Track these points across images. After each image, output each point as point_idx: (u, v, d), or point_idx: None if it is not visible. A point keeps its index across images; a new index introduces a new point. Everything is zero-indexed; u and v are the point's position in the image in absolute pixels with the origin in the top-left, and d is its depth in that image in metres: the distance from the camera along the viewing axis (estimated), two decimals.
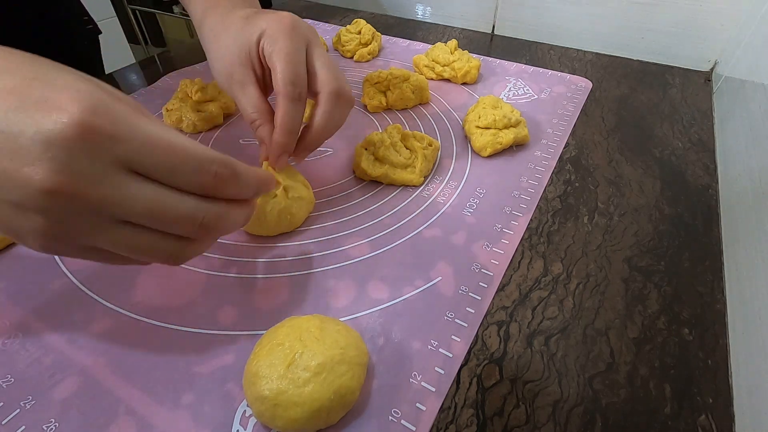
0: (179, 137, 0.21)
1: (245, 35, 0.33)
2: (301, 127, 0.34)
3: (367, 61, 0.62)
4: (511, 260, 0.33)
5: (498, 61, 0.61)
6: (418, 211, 0.37)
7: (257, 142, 0.35)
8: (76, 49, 0.60)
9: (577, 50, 0.65)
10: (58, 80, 0.20)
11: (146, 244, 0.22)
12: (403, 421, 0.24)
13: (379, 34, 0.64)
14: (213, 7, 0.37)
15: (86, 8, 0.62)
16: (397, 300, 0.30)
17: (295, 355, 0.23)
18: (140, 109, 0.22)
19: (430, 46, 0.59)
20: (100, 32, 0.64)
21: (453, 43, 0.56)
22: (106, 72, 0.63)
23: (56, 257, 0.33)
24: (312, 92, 0.34)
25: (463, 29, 0.73)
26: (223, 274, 0.32)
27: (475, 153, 0.44)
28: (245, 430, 0.24)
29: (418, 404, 0.25)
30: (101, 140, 0.19)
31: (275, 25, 0.32)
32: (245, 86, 0.33)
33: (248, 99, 0.33)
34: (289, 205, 0.34)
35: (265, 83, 0.35)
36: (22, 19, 0.51)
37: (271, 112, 0.33)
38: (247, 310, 0.30)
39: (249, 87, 0.33)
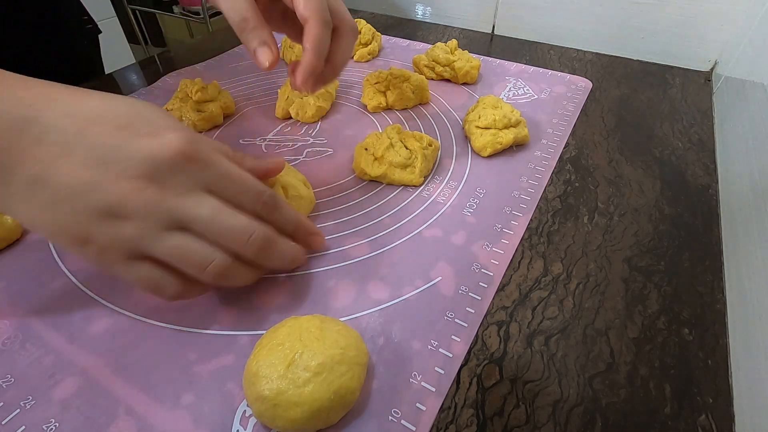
0: (245, 173, 0.27)
1: None
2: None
3: (367, 61, 0.62)
4: (511, 260, 0.33)
5: (498, 61, 0.61)
6: (418, 211, 0.37)
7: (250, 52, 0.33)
8: (76, 49, 0.60)
9: (577, 50, 0.65)
10: (159, 119, 0.25)
11: (198, 250, 0.25)
12: (403, 421, 0.24)
13: (379, 34, 0.64)
14: None
15: (86, 8, 0.62)
16: (397, 300, 0.30)
17: (295, 355, 0.23)
18: (219, 149, 0.28)
19: (430, 46, 0.59)
20: (100, 32, 0.64)
21: (453, 43, 0.56)
22: (106, 72, 0.63)
23: (56, 257, 0.33)
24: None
25: (463, 29, 0.73)
26: None
27: (475, 153, 0.44)
28: (245, 430, 0.24)
29: (418, 404, 0.25)
30: (195, 165, 0.25)
31: None
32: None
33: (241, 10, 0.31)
34: (289, 204, 0.34)
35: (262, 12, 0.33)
36: (22, 19, 0.51)
37: (263, 18, 0.32)
38: (247, 310, 0.30)
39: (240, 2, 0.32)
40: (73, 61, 0.60)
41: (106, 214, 0.23)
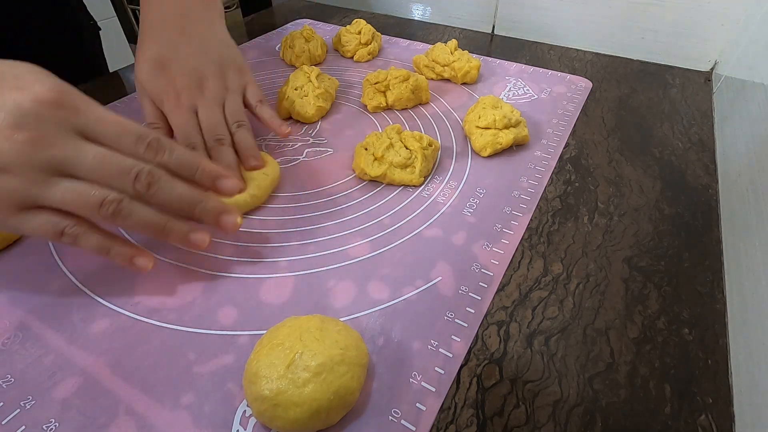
0: (122, 118, 0.27)
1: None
2: None
3: (367, 61, 0.62)
4: (511, 260, 0.33)
5: (498, 61, 0.61)
6: (418, 211, 0.37)
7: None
8: (80, 45, 0.60)
9: (577, 50, 0.65)
10: (29, 74, 0.25)
11: (89, 192, 0.25)
12: (403, 421, 0.24)
13: (379, 34, 0.64)
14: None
15: (86, 6, 0.62)
16: (397, 300, 0.30)
17: (295, 355, 0.23)
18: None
19: (430, 46, 0.59)
20: (99, 29, 0.65)
21: (453, 43, 0.56)
22: (110, 70, 0.64)
23: (57, 257, 0.33)
24: None
25: (463, 29, 0.73)
26: (223, 274, 0.32)
27: (475, 153, 0.44)
28: (245, 430, 0.24)
29: (418, 404, 0.25)
30: (66, 111, 0.25)
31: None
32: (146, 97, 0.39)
33: (150, 106, 0.39)
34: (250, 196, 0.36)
35: None
36: (29, 13, 0.52)
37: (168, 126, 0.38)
38: (247, 310, 0.30)
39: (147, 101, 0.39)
40: (80, 55, 0.60)
41: None
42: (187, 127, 0.37)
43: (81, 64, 0.61)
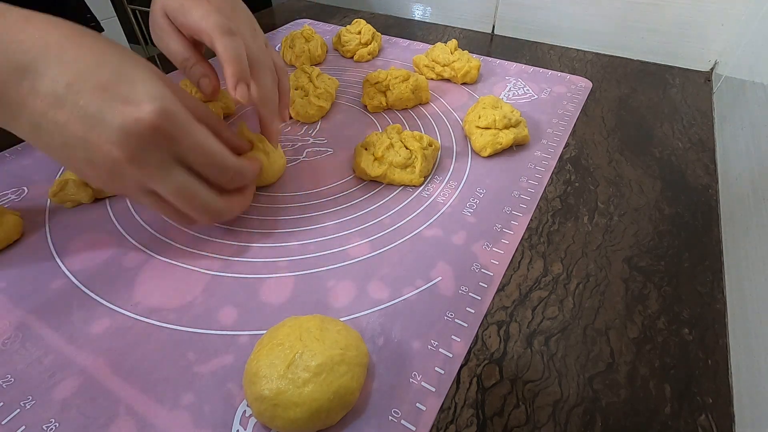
0: (216, 144, 0.29)
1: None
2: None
3: (367, 61, 0.62)
4: (511, 260, 0.33)
5: (498, 61, 0.61)
6: (418, 211, 0.37)
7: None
8: None
9: (577, 50, 0.65)
10: (140, 83, 0.26)
11: (163, 209, 0.30)
12: (403, 421, 0.24)
13: (379, 34, 0.64)
14: None
15: (89, 6, 0.62)
16: (397, 300, 0.30)
17: (296, 355, 0.23)
18: (197, 107, 0.32)
19: (430, 46, 0.59)
20: (102, 30, 0.65)
21: (453, 43, 0.56)
22: None
23: (57, 257, 0.33)
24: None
25: (463, 29, 0.73)
26: (223, 274, 0.32)
27: (475, 153, 0.44)
28: (245, 430, 0.24)
29: (418, 404, 0.25)
30: (165, 139, 0.26)
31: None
32: (168, 33, 0.36)
33: (175, 42, 0.36)
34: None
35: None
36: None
37: (201, 53, 0.38)
38: (247, 310, 0.30)
39: (172, 33, 0.36)
40: None
41: (91, 163, 0.26)
42: (240, 51, 0.34)
43: None
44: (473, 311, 0.30)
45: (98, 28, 0.64)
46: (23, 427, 0.24)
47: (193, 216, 0.30)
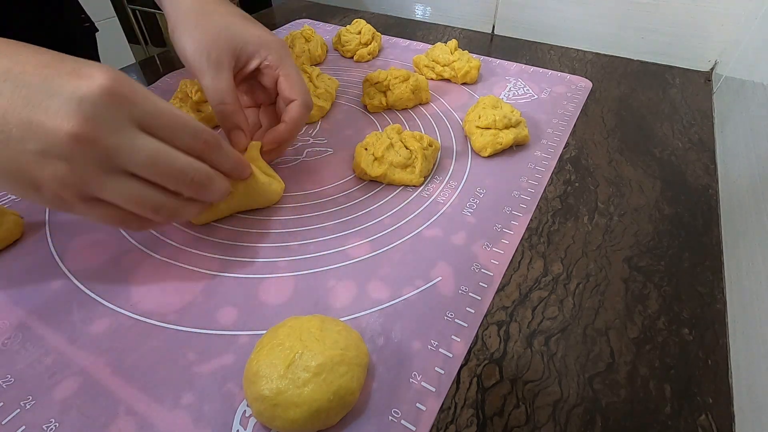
0: (182, 112, 0.27)
1: (243, 32, 0.36)
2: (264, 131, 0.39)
3: (367, 61, 0.62)
4: (511, 260, 0.33)
5: (498, 61, 0.61)
6: (418, 211, 0.37)
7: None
8: (73, 48, 0.60)
9: (577, 50, 0.65)
10: (86, 62, 0.24)
11: (145, 196, 0.26)
12: (403, 421, 0.24)
13: (379, 34, 0.64)
14: None
15: (83, 7, 0.62)
16: (397, 300, 0.30)
17: (296, 356, 0.23)
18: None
19: (430, 46, 0.59)
20: (97, 30, 0.64)
21: (453, 43, 0.56)
22: None
23: (57, 257, 0.33)
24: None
25: (463, 29, 0.73)
26: (223, 274, 0.32)
27: (475, 153, 0.44)
28: (245, 430, 0.24)
29: (418, 404, 0.25)
30: (122, 102, 0.24)
31: (278, 44, 0.38)
32: (222, 68, 0.35)
33: (222, 81, 0.35)
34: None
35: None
36: (18, 18, 0.51)
37: (239, 101, 0.36)
38: (247, 310, 0.30)
39: (226, 71, 0.35)
40: None
41: (45, 155, 0.23)
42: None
43: None
44: (473, 311, 0.30)
45: (93, 29, 0.64)
46: (23, 427, 0.24)
47: (159, 201, 0.27)
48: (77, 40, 0.61)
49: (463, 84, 0.56)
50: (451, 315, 0.29)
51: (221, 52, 0.35)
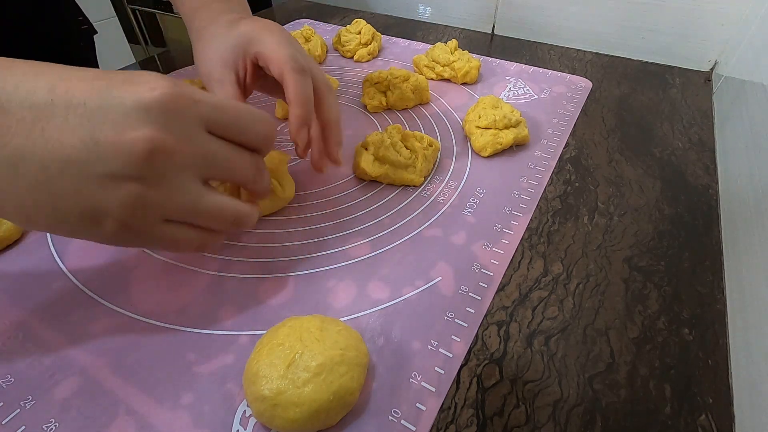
0: (237, 102, 0.25)
1: (228, 39, 0.34)
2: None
3: (367, 61, 0.62)
4: (511, 260, 0.33)
5: (498, 61, 0.61)
6: (418, 211, 0.37)
7: None
8: (70, 50, 0.60)
9: (577, 50, 0.65)
10: (129, 71, 0.22)
11: (224, 205, 0.25)
12: (403, 421, 0.24)
13: (379, 34, 0.64)
14: (202, 7, 0.38)
15: (82, 9, 0.62)
16: (397, 300, 0.30)
17: (296, 356, 0.23)
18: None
19: (430, 46, 0.59)
20: (96, 32, 0.64)
21: (453, 43, 0.56)
22: None
23: (57, 257, 0.33)
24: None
25: (463, 29, 0.73)
26: (223, 274, 0.32)
27: (475, 153, 0.44)
28: (245, 430, 0.24)
29: (418, 404, 0.25)
30: (188, 104, 0.22)
31: (259, 29, 0.34)
32: (225, 86, 0.34)
33: (228, 86, 0.34)
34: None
35: (244, 87, 0.36)
36: (16, 21, 0.51)
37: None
38: (247, 310, 0.30)
39: (229, 88, 0.34)
40: (69, 64, 0.59)
41: (114, 178, 0.20)
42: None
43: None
44: (473, 311, 0.30)
45: (91, 31, 0.64)
46: (23, 427, 0.24)
47: (236, 209, 0.26)
48: (75, 42, 0.61)
49: (463, 84, 0.56)
50: (451, 315, 0.29)
51: (219, 71, 0.34)
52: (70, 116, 0.20)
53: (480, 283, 0.32)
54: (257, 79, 0.36)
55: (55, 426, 0.24)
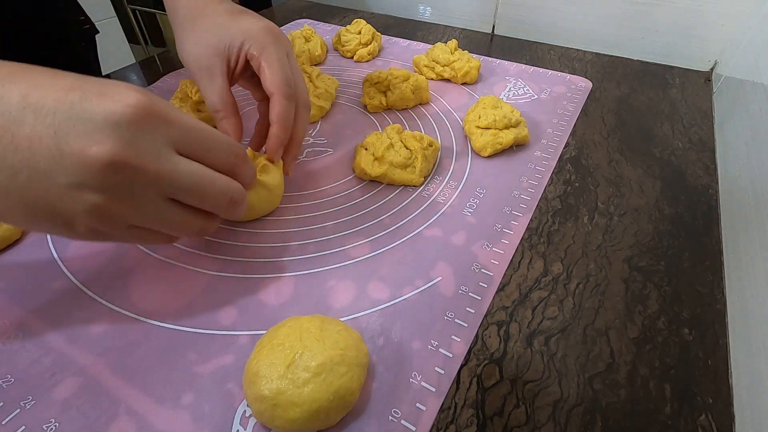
0: (211, 128, 0.26)
1: (228, 30, 0.34)
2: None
3: (367, 61, 0.62)
4: (511, 260, 0.33)
5: (498, 61, 0.61)
6: (418, 211, 0.37)
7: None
8: (71, 50, 0.59)
9: (577, 50, 0.65)
10: (108, 82, 0.22)
11: (185, 220, 0.25)
12: (403, 421, 0.24)
13: (379, 34, 0.64)
14: None
15: (83, 8, 0.62)
16: (397, 300, 0.30)
17: (295, 356, 0.23)
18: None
19: (430, 46, 0.59)
20: (97, 32, 0.64)
21: (453, 43, 0.56)
22: (103, 73, 0.63)
23: (57, 257, 0.33)
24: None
25: (463, 29, 0.73)
26: (223, 274, 0.32)
27: (475, 153, 0.44)
28: (245, 430, 0.24)
29: (418, 404, 0.25)
30: (159, 123, 0.23)
31: (262, 31, 0.34)
32: (214, 75, 0.34)
33: (215, 88, 0.34)
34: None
35: (231, 79, 0.36)
36: (17, 21, 0.51)
37: (235, 106, 0.35)
38: (247, 310, 0.30)
39: (218, 77, 0.34)
40: (69, 62, 0.59)
41: (78, 188, 0.21)
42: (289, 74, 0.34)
43: (72, 67, 0.59)
44: (473, 311, 0.30)
45: (93, 31, 0.64)
46: (23, 427, 0.24)
47: (198, 224, 0.27)
48: (76, 42, 0.61)
49: (463, 84, 0.56)
50: (451, 315, 0.29)
51: (211, 59, 0.34)
52: (38, 125, 0.20)
53: (480, 283, 0.32)
54: (245, 70, 0.36)
55: (55, 426, 0.24)
